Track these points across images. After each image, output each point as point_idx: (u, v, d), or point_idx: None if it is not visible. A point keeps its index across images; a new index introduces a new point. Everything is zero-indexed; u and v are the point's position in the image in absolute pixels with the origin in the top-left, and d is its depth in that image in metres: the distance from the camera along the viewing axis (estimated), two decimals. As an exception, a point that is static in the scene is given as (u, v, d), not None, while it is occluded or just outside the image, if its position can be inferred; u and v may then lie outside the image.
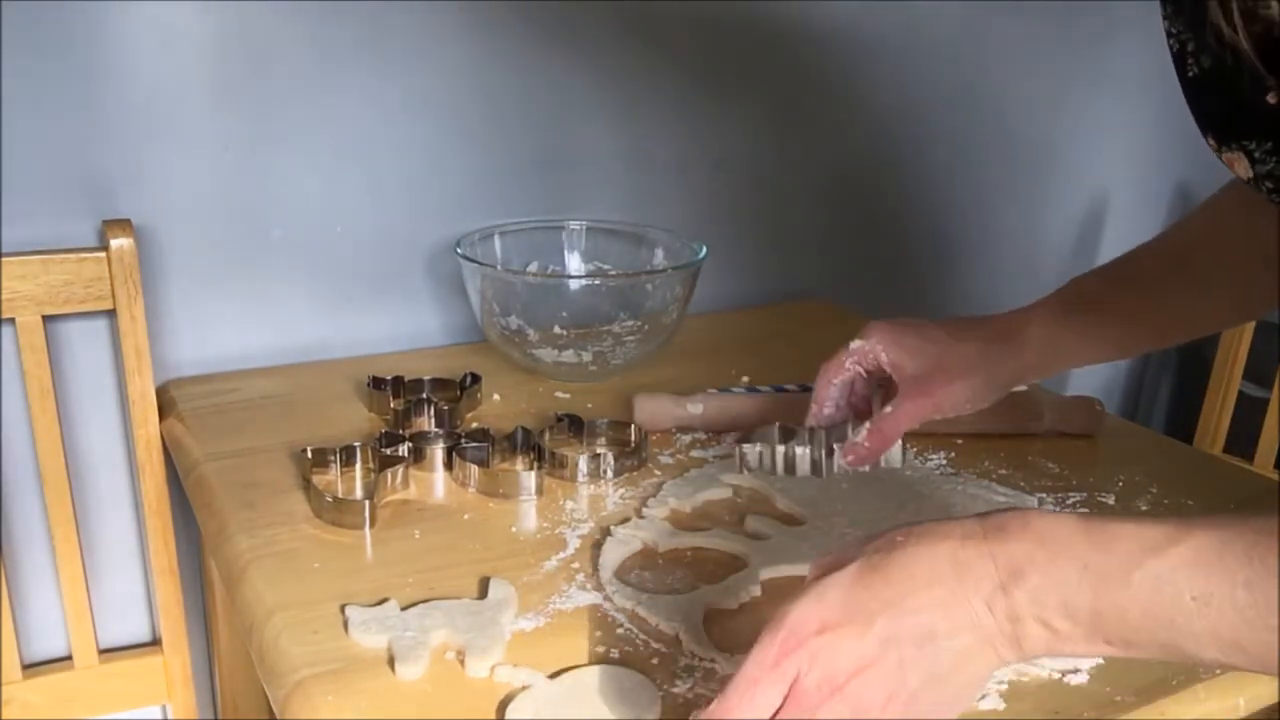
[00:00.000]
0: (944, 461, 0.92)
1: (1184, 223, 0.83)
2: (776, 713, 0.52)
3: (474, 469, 0.85)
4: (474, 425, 0.94)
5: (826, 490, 0.85)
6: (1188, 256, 0.81)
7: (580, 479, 0.87)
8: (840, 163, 1.38)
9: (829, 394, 0.82)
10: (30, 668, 1.03)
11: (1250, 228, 0.73)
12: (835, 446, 0.80)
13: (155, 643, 1.10)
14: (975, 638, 0.51)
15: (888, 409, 0.79)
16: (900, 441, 0.80)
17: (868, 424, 0.79)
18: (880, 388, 0.83)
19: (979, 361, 0.80)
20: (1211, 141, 0.54)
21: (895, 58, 1.37)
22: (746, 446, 0.82)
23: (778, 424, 0.83)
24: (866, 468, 0.80)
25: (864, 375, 0.82)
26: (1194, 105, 0.54)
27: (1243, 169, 0.52)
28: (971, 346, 0.80)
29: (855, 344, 0.81)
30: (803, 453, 0.81)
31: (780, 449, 0.81)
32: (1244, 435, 1.53)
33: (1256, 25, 0.44)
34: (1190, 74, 0.53)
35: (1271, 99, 0.47)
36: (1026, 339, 0.80)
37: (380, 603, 0.70)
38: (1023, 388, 0.83)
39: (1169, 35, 0.54)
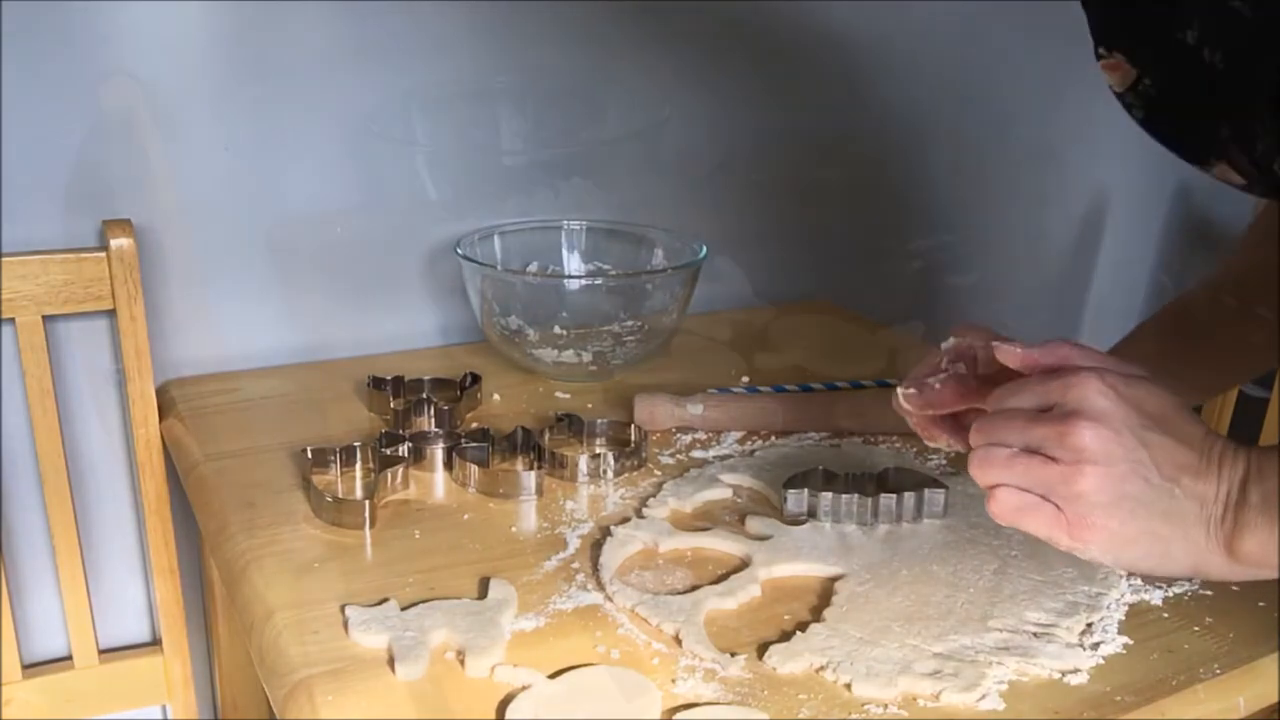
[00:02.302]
0: (944, 461, 0.92)
1: (1232, 259, 0.82)
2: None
3: (474, 469, 0.85)
4: (474, 425, 0.94)
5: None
6: (1235, 292, 0.80)
7: (580, 479, 0.87)
8: (841, 163, 1.38)
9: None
10: (30, 668, 1.03)
11: None
12: (908, 494, 0.80)
13: (155, 643, 1.10)
14: (1197, 513, 0.56)
15: None
16: None
17: None
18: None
19: None
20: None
21: (896, 59, 1.37)
22: (791, 492, 0.81)
23: (821, 468, 0.83)
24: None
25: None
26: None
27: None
28: None
29: (947, 344, 0.72)
30: (888, 502, 0.80)
31: (851, 497, 0.80)
32: (1244, 435, 1.52)
33: None
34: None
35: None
36: None
37: (380, 603, 0.70)
38: None
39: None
